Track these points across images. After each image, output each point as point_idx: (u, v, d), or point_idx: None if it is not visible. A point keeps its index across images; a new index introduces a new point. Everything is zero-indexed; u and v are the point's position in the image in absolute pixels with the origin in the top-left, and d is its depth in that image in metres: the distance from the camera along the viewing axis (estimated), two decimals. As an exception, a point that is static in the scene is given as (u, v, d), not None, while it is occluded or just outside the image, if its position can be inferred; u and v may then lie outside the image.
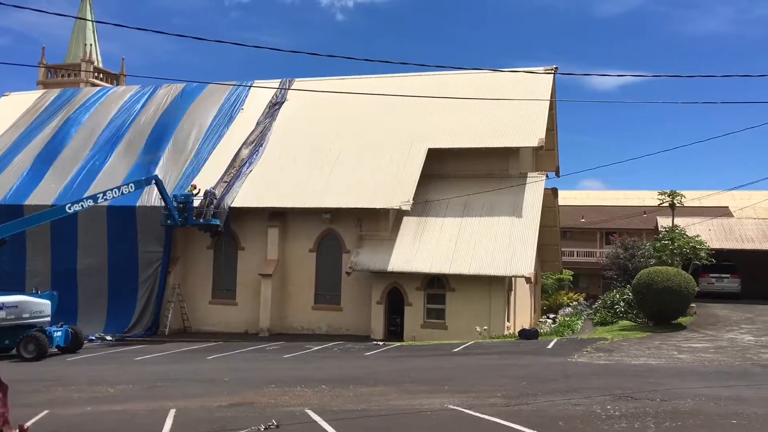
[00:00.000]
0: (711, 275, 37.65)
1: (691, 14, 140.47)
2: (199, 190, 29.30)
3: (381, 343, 25.12)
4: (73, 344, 23.45)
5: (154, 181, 27.79)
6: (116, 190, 26.27)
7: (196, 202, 28.83)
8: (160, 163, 32.45)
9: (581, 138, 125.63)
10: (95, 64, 61.72)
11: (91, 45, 62.28)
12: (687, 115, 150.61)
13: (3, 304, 21.73)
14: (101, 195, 25.76)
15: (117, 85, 57.15)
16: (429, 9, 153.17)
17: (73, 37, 63.67)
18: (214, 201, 28.98)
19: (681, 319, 26.15)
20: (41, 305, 22.85)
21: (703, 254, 31.72)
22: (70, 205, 25.06)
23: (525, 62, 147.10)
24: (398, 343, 25.08)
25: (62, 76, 60.39)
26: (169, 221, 28.38)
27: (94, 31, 63.58)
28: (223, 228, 29.33)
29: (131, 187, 26.65)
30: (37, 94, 42.46)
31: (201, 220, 28.62)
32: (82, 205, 25.21)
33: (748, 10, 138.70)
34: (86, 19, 58.21)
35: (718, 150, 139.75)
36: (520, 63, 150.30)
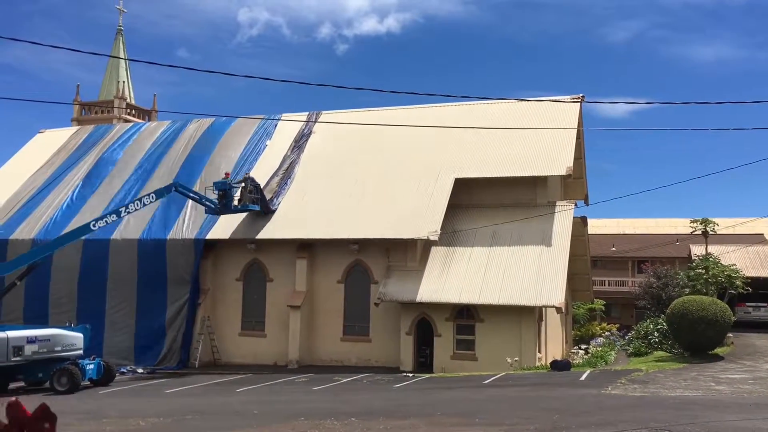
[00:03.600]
0: (747, 304, 36.82)
1: (693, 38, 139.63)
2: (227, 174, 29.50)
3: (410, 374, 24.91)
4: (105, 377, 23.64)
5: (174, 189, 28.09)
6: (138, 202, 26.67)
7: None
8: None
9: (601, 165, 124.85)
10: (128, 100, 63.20)
11: (123, 82, 63.84)
12: (710, 141, 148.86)
13: (35, 337, 22.03)
14: (124, 209, 26.17)
15: (149, 120, 58.37)
16: (429, 41, 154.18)
17: (107, 75, 65.37)
18: (252, 187, 29.01)
19: (718, 350, 25.53)
20: (74, 338, 23.13)
21: (738, 283, 31.10)
22: (94, 222, 25.49)
23: (530, 92, 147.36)
24: (428, 375, 24.84)
25: (96, 113, 61.87)
26: (208, 210, 28.60)
27: (127, 69, 65.21)
28: (264, 212, 29.57)
29: (152, 197, 27.04)
30: (71, 131, 43.53)
31: (239, 206, 28.72)
32: (106, 221, 25.64)
33: (754, 33, 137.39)
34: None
35: (751, 177, 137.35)
36: (524, 93, 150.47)
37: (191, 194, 28.39)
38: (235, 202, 28.73)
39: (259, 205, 29.47)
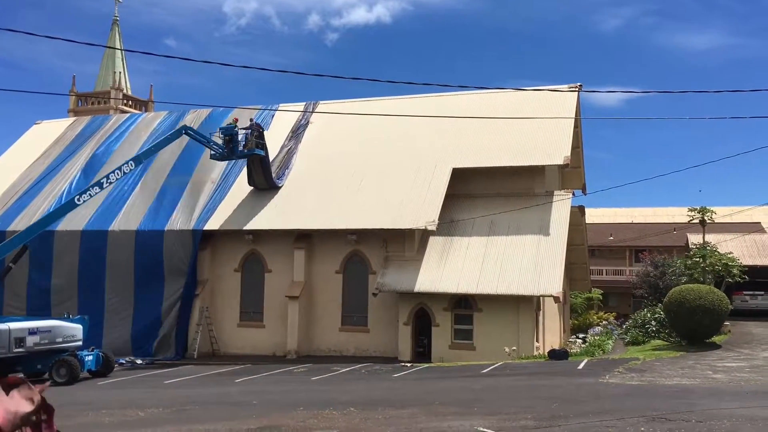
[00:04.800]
0: (745, 292, 36.95)
1: (685, 26, 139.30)
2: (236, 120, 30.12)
3: (409, 364, 24.97)
4: (104, 368, 23.66)
5: (184, 132, 28.35)
6: (118, 171, 26.62)
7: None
8: (188, 187, 32.86)
9: (596, 154, 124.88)
10: (125, 91, 62.94)
11: (120, 73, 63.58)
12: (706, 129, 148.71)
13: (37, 328, 22.04)
14: (105, 180, 26.17)
15: (146, 111, 58.15)
16: (421, 29, 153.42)
17: (103, 65, 65.08)
18: (257, 132, 29.67)
19: (715, 338, 25.62)
20: (73, 329, 23.14)
21: (735, 271, 31.17)
22: (78, 196, 25.41)
23: (522, 81, 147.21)
24: (426, 365, 24.90)
25: (92, 103, 61.64)
26: (214, 154, 29.34)
27: (123, 59, 64.94)
28: (267, 160, 30.37)
29: (131, 165, 27.03)
30: (68, 122, 43.34)
31: (245, 151, 29.26)
32: (90, 194, 25.64)
33: (746, 19, 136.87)
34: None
35: (749, 165, 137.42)
36: (517, 81, 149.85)
37: (199, 137, 28.87)
38: (241, 148, 29.29)
39: (264, 150, 29.99)
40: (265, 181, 30.95)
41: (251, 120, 30.63)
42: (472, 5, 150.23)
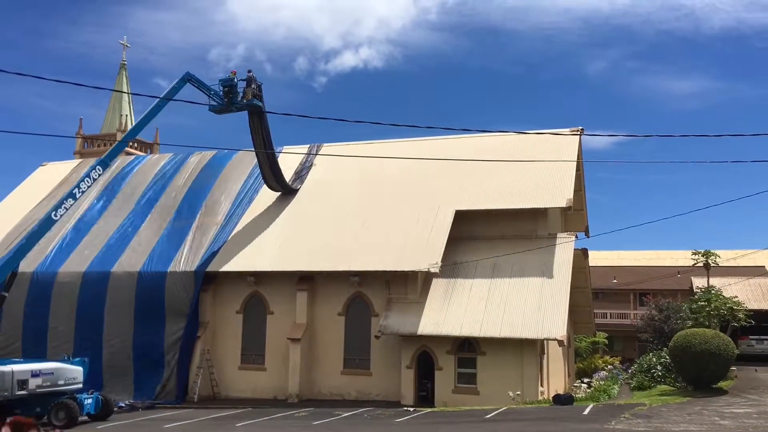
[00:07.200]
0: (751, 337, 36.61)
1: (669, 69, 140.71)
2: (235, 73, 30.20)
3: (411, 409, 24.65)
4: (104, 411, 23.41)
5: (188, 80, 28.45)
6: (87, 179, 26.41)
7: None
8: (192, 228, 32.97)
9: (592, 196, 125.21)
10: (130, 133, 63.54)
11: (126, 115, 64.41)
12: (703, 174, 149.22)
13: (40, 371, 21.87)
14: (77, 190, 25.98)
15: (151, 153, 58.68)
16: (410, 71, 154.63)
17: (110, 108, 65.96)
18: (255, 85, 29.89)
19: (721, 383, 25.29)
20: (75, 372, 22.99)
21: (741, 315, 30.96)
22: (55, 212, 25.06)
23: (512, 124, 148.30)
24: (429, 409, 24.58)
25: (98, 146, 62.28)
26: (213, 104, 29.38)
27: (129, 102, 65.85)
28: (265, 117, 30.39)
29: (99, 170, 26.85)
30: (73, 163, 43.74)
31: (245, 101, 29.51)
32: (65, 207, 25.36)
33: (730, 62, 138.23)
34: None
35: (751, 209, 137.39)
36: (508, 124, 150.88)
37: (201, 86, 29.03)
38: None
39: (262, 103, 30.11)
40: (274, 179, 31.94)
41: (249, 73, 30.42)
42: (459, 48, 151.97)
